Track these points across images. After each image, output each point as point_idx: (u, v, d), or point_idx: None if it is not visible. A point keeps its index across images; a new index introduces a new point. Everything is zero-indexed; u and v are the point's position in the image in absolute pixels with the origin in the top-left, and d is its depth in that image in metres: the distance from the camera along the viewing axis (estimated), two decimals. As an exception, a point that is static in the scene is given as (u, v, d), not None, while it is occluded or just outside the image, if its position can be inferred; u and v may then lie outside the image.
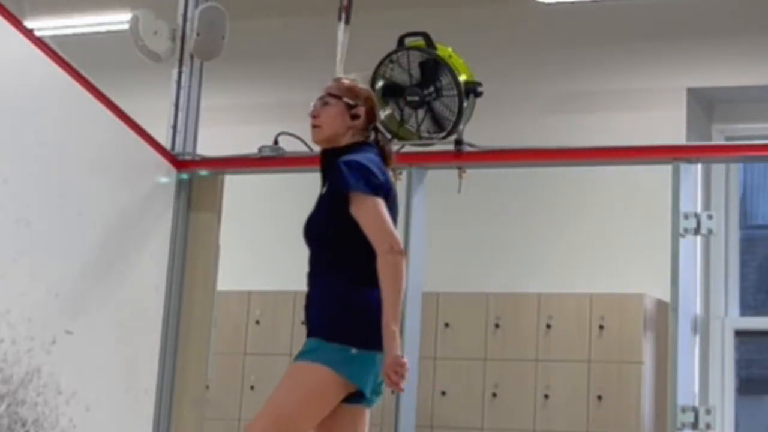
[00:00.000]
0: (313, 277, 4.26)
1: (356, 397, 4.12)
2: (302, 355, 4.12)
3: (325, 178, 4.32)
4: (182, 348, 5.95)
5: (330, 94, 4.39)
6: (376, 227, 4.10)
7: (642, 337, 6.90)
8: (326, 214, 4.21)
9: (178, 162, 6.12)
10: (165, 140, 6.13)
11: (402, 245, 4.11)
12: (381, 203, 4.14)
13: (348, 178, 4.15)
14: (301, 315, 7.49)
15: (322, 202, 4.26)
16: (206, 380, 6.03)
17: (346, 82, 4.46)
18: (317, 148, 6.05)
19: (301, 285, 7.78)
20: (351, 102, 4.35)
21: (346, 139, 4.33)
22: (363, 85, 4.50)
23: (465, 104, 5.57)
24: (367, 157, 4.24)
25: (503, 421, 7.06)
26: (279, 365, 7.47)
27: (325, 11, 8.30)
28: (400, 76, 5.70)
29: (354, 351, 4.04)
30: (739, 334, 7.72)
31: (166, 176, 6.04)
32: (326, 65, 8.16)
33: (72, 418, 5.40)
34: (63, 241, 5.44)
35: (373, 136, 4.39)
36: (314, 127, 4.38)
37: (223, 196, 6.18)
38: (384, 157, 4.36)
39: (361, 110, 4.35)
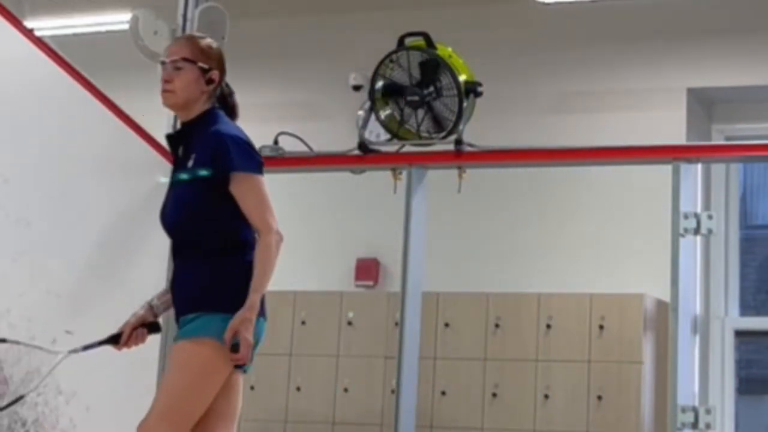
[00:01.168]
0: (182, 256, 4.10)
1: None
2: (186, 333, 3.98)
3: (185, 152, 4.12)
4: (182, 348, 5.94)
5: (184, 59, 4.13)
6: (261, 208, 3.98)
7: (642, 337, 6.90)
8: (195, 192, 4.05)
9: (178, 162, 6.11)
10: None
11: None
12: (264, 183, 4.04)
13: (233, 156, 4.00)
14: (301, 314, 7.58)
15: (186, 182, 4.08)
16: (206, 380, 6.02)
17: (199, 42, 4.21)
18: (317, 148, 6.09)
19: (301, 285, 7.84)
20: (206, 66, 4.15)
21: (199, 106, 4.14)
22: (212, 41, 4.26)
23: (465, 104, 5.57)
24: (240, 131, 4.12)
25: (503, 421, 7.06)
26: (279, 365, 7.48)
27: (324, 11, 8.32)
28: (400, 76, 5.70)
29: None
30: (739, 334, 7.72)
31: (166, 176, 6.03)
32: (326, 65, 8.19)
33: (72, 418, 5.40)
34: (63, 241, 5.44)
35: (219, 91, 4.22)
36: (166, 92, 4.14)
37: (223, 196, 6.17)
38: (231, 112, 4.25)
39: (216, 74, 4.18)
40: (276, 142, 6.08)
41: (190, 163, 4.08)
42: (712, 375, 7.58)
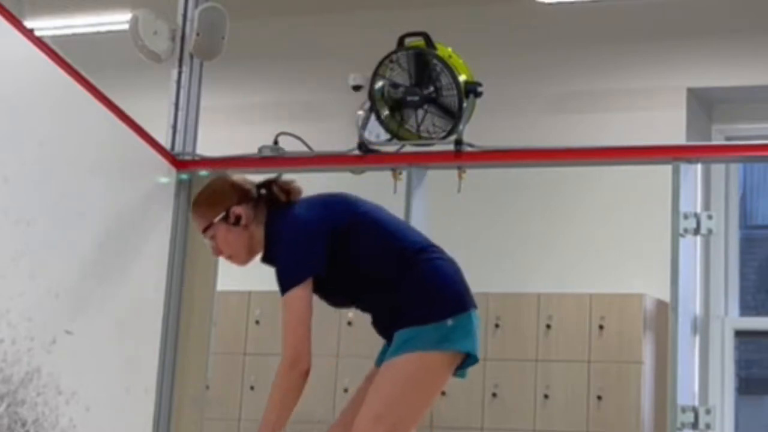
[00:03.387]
0: (364, 302, 4.03)
1: (465, 364, 4.01)
2: (399, 348, 3.87)
3: None
4: (182, 348, 5.95)
5: (204, 229, 4.04)
6: (288, 332, 3.86)
7: (642, 337, 6.90)
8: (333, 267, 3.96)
9: (178, 162, 6.11)
10: (165, 140, 6.13)
11: (309, 362, 3.85)
12: (303, 298, 3.83)
13: (280, 280, 3.86)
14: (300, 315, 7.57)
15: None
16: (206, 380, 6.03)
17: (200, 201, 4.08)
18: (317, 148, 6.09)
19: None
20: (221, 215, 4.01)
21: (258, 237, 4.01)
22: (206, 188, 4.10)
23: (465, 104, 5.57)
24: (289, 225, 3.93)
25: (503, 421, 7.06)
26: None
27: (325, 11, 8.32)
28: (400, 76, 5.70)
29: (450, 322, 3.91)
30: (739, 334, 7.72)
31: (166, 176, 6.04)
32: (326, 65, 8.19)
33: (72, 418, 5.40)
34: (63, 241, 5.43)
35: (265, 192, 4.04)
36: (231, 261, 4.11)
37: (223, 196, 6.17)
38: (286, 200, 4.06)
39: (234, 210, 3.99)
40: (276, 142, 6.08)
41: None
42: (712, 375, 7.58)
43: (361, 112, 5.88)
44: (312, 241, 3.92)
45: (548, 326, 7.07)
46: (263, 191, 4.10)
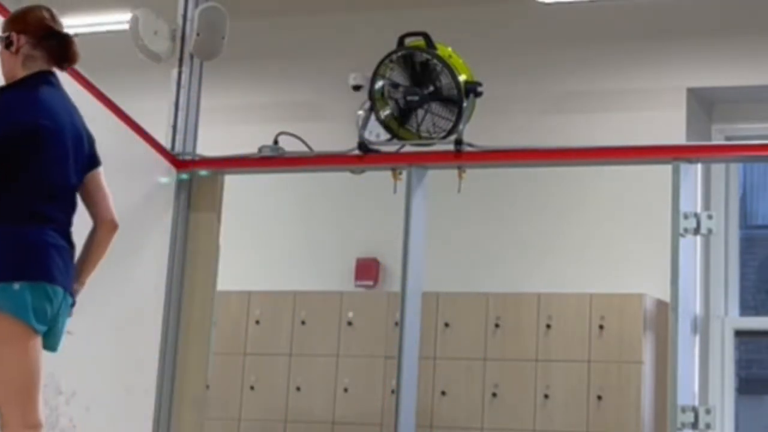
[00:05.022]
0: None
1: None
2: None
3: None
4: (182, 348, 5.95)
5: None
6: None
7: (642, 337, 6.90)
8: None
9: (178, 162, 6.12)
10: (165, 140, 6.13)
11: None
12: None
13: None
14: (301, 314, 7.58)
15: None
16: (206, 380, 6.03)
17: (12, 12, 4.16)
18: (317, 148, 6.09)
19: (301, 285, 7.83)
20: (4, 34, 4.07)
21: (21, 73, 4.05)
22: (29, 7, 4.14)
23: (465, 104, 5.57)
24: (7, 98, 3.95)
25: (503, 421, 7.06)
26: (279, 365, 7.49)
27: (324, 11, 8.32)
28: (400, 76, 5.70)
29: (17, 286, 3.84)
30: (739, 334, 7.72)
31: (166, 176, 6.04)
32: (326, 65, 8.19)
33: (72, 418, 5.40)
34: (63, 241, 5.42)
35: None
36: None
37: (223, 196, 6.18)
38: (68, 57, 4.16)
39: (14, 36, 4.05)
40: (276, 142, 6.09)
41: None
42: (712, 375, 7.58)
43: (361, 112, 5.89)
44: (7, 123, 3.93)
45: (548, 326, 7.07)
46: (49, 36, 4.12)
